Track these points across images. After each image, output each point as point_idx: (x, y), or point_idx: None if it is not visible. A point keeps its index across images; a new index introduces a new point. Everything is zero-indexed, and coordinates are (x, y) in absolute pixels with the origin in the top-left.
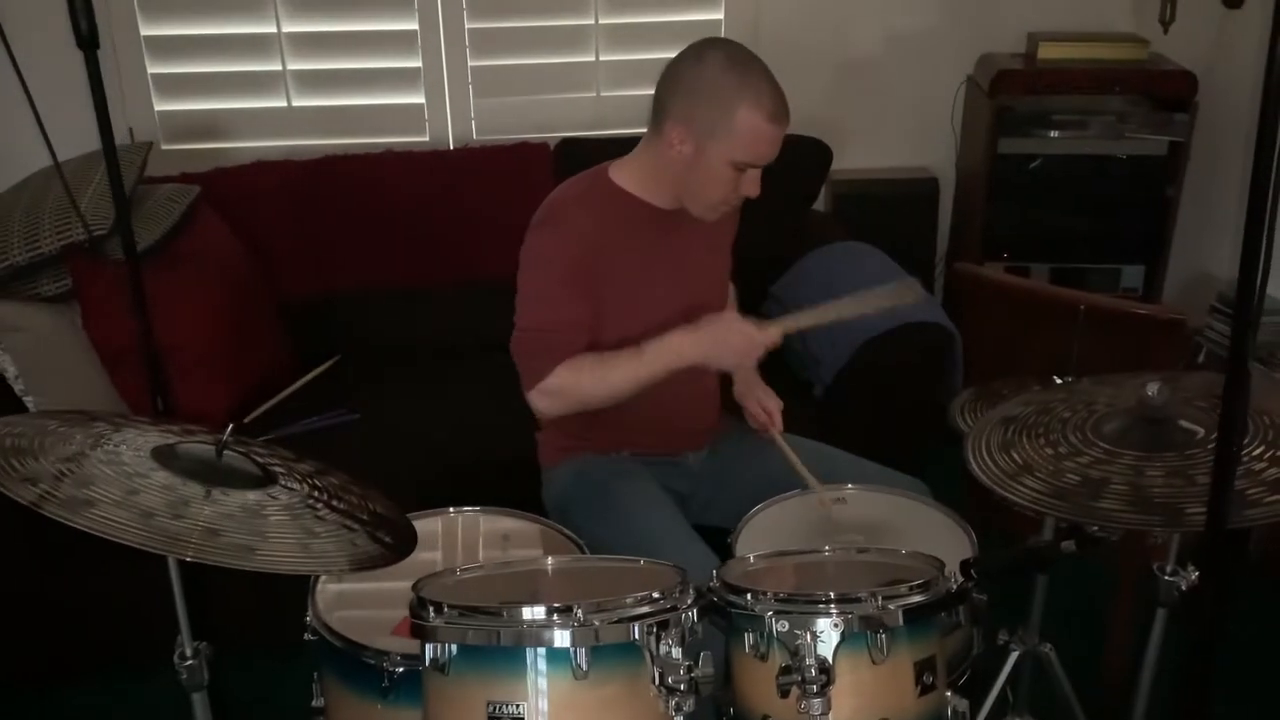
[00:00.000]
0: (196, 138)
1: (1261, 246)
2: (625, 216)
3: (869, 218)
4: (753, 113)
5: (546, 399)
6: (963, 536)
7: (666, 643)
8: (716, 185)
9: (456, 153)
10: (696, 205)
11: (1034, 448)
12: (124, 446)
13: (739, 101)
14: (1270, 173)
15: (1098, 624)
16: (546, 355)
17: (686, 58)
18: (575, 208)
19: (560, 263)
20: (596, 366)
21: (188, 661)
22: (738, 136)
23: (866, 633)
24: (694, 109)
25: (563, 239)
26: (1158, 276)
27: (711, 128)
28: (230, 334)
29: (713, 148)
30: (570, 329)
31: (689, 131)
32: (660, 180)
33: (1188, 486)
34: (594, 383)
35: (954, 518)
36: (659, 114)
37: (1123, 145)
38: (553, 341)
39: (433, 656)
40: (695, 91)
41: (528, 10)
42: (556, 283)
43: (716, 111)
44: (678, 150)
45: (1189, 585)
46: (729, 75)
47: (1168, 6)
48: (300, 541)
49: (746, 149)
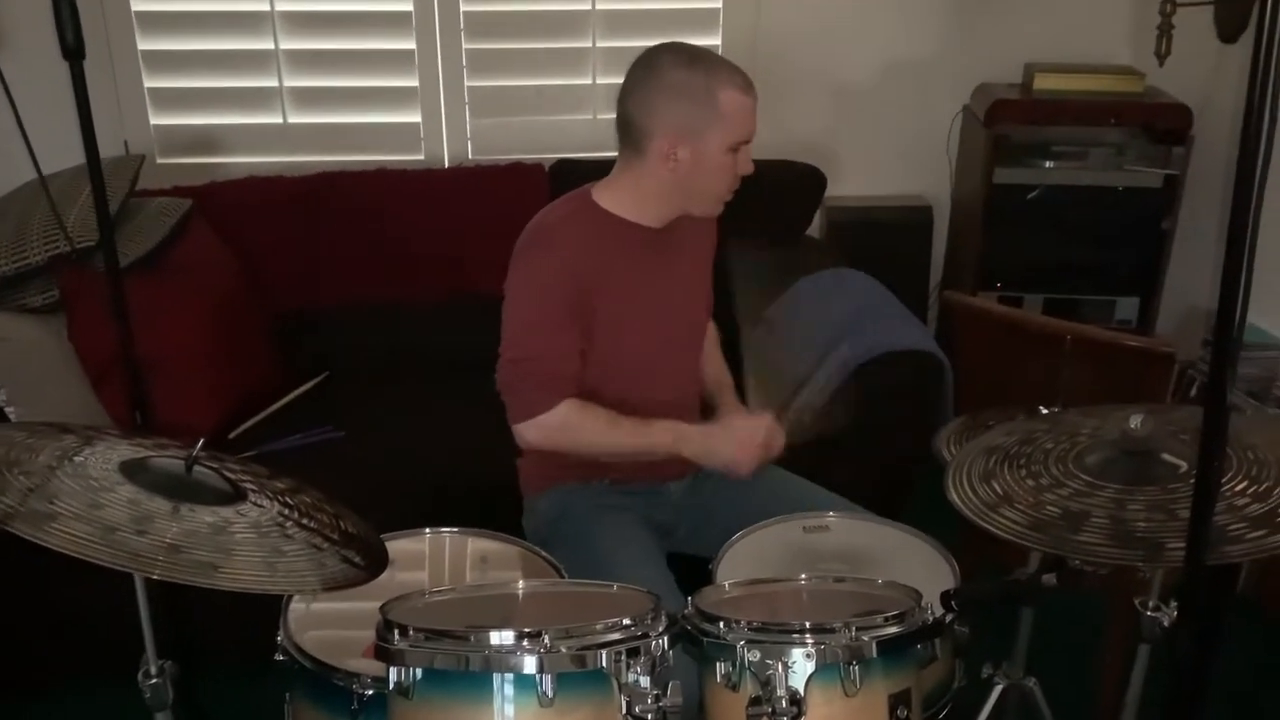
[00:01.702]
0: (192, 152)
1: (1240, 280)
2: (613, 238)
3: (863, 244)
4: (731, 91)
5: (543, 433)
6: (946, 567)
7: (635, 671)
8: (720, 175)
9: (450, 171)
10: (704, 203)
11: (1015, 479)
12: (92, 460)
13: (715, 87)
14: (1250, 207)
15: (1084, 659)
16: (543, 387)
17: (641, 74)
18: (563, 232)
19: (552, 290)
20: (605, 421)
21: (152, 680)
22: (727, 118)
23: (840, 664)
24: (677, 115)
25: (553, 265)
26: (1152, 309)
27: (702, 123)
28: (218, 348)
29: (708, 140)
30: (565, 359)
31: (681, 137)
32: (650, 199)
33: (1169, 521)
34: (597, 434)
35: (938, 548)
36: (638, 135)
37: (1118, 177)
38: (549, 372)
39: (397, 680)
40: (670, 99)
41: (526, 32)
42: (549, 311)
43: (700, 106)
44: (674, 160)
45: (1171, 622)
46: (693, 70)
47: (1163, 40)
48: (266, 560)
49: (737, 127)
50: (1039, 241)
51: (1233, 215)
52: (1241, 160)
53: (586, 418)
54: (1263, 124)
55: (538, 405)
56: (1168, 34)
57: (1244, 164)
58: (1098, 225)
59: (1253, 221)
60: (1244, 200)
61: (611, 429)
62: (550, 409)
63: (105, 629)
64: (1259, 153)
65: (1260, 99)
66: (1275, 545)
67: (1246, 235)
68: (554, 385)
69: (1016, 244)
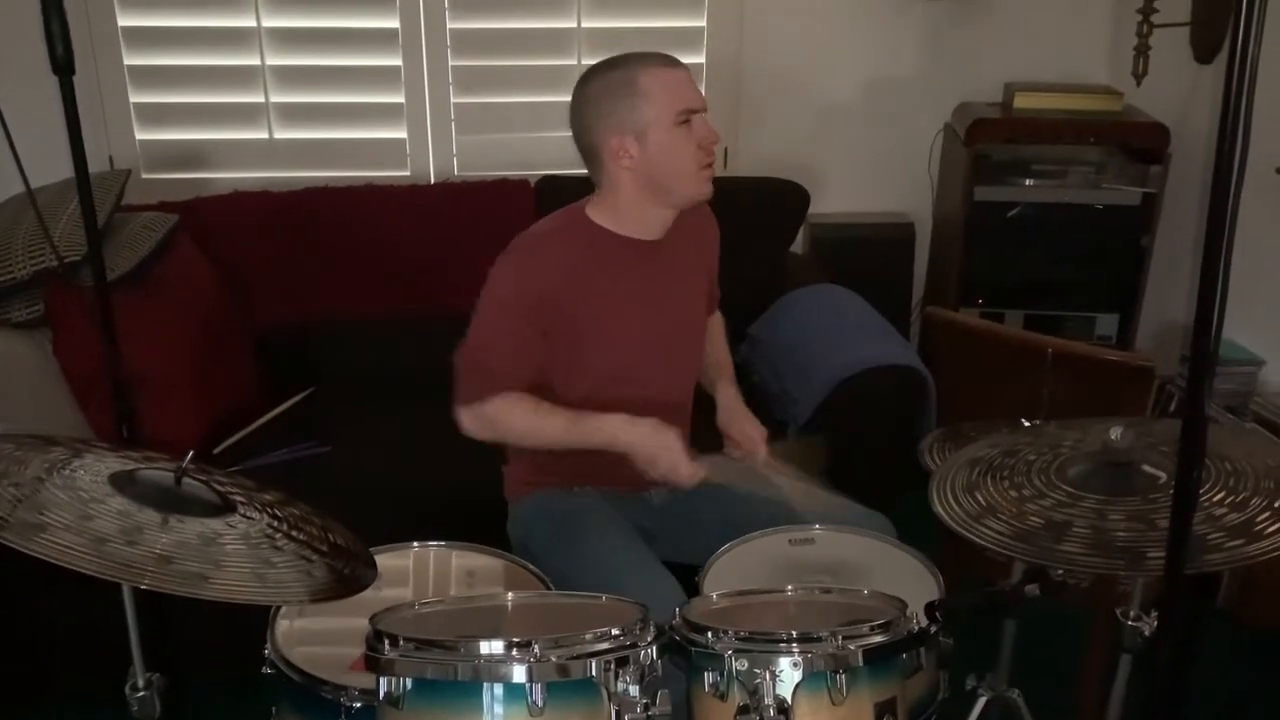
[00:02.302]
0: (177, 167)
1: (1216, 294)
2: (603, 251)
3: (846, 261)
4: (648, 70)
5: (475, 422)
6: (930, 579)
7: (624, 680)
8: (679, 152)
9: (437, 188)
10: (682, 186)
11: (998, 490)
12: (81, 471)
13: (633, 74)
14: (1225, 223)
15: (1068, 670)
16: (485, 379)
17: (575, 97)
18: (544, 244)
19: (523, 295)
20: (532, 413)
21: (139, 693)
22: (653, 95)
23: (826, 672)
24: (609, 115)
25: (532, 272)
26: (1131, 325)
27: (633, 111)
28: (203, 363)
29: (647, 123)
30: (513, 361)
31: (624, 132)
32: (632, 206)
33: (1149, 531)
34: (524, 426)
35: (922, 560)
36: (592, 152)
37: (1097, 195)
38: (494, 367)
39: (387, 690)
40: (598, 104)
41: (512, 49)
42: (513, 313)
43: (625, 97)
44: (629, 158)
45: (1152, 631)
46: (611, 71)
47: (1141, 60)
48: (256, 571)
49: (667, 100)
50: (1020, 258)
51: (1209, 233)
52: (1216, 178)
53: (513, 407)
54: (1236, 142)
55: (476, 394)
56: (1145, 54)
57: (1219, 183)
58: (1077, 242)
59: (1228, 238)
60: (1219, 218)
61: (539, 421)
62: (481, 399)
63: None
64: (1233, 170)
65: (1234, 119)
66: (1253, 554)
67: (1222, 252)
68: (495, 380)
69: (997, 261)
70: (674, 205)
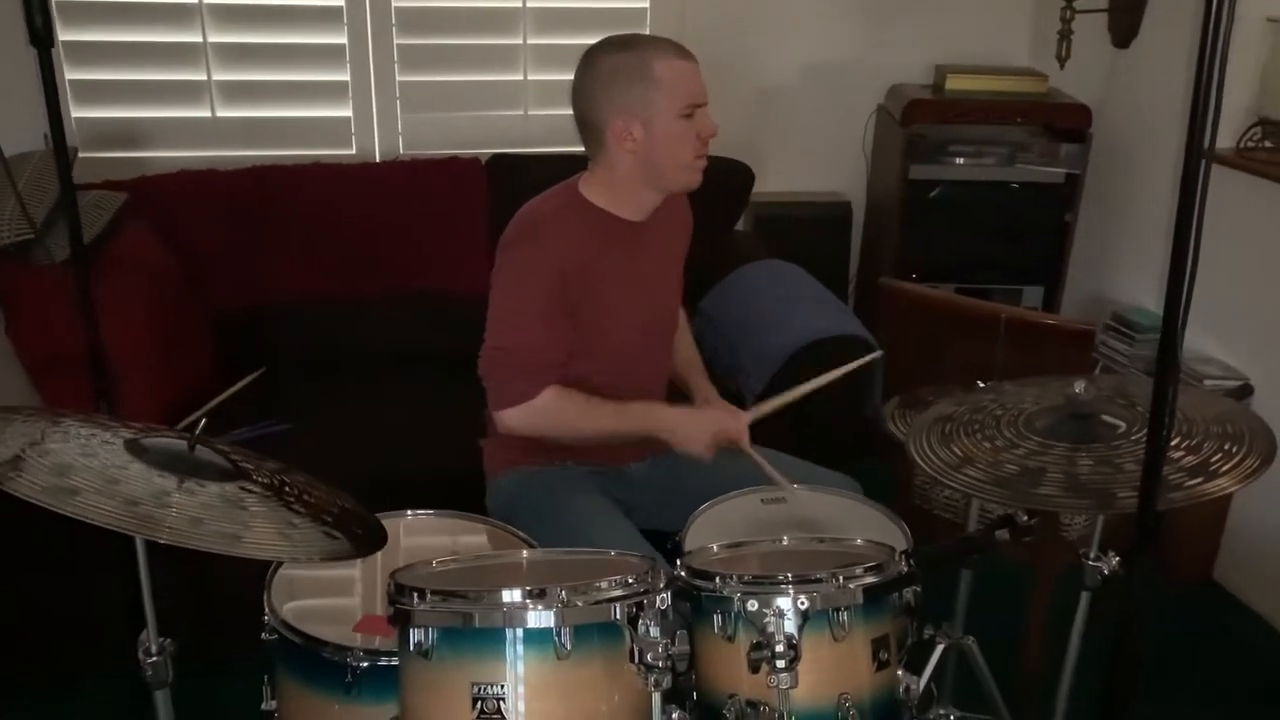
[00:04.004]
0: (115, 146)
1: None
2: (600, 231)
3: (787, 238)
4: (665, 59)
5: (525, 419)
6: (897, 531)
7: (645, 622)
8: (681, 142)
9: (387, 165)
10: (677, 175)
11: (972, 442)
12: (95, 440)
13: (650, 60)
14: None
15: (1016, 620)
16: (524, 375)
17: (582, 71)
18: (554, 224)
19: (537, 282)
20: (585, 404)
21: (152, 658)
22: (667, 85)
23: (828, 610)
24: (621, 96)
25: (544, 257)
26: (1056, 297)
27: (645, 97)
28: (157, 344)
29: (657, 111)
30: (547, 348)
31: (630, 116)
32: (626, 187)
33: (1116, 474)
34: (577, 417)
35: (888, 514)
36: (595, 130)
37: (1024, 173)
38: (531, 361)
39: (417, 641)
40: (609, 85)
41: (457, 28)
42: (533, 302)
43: (639, 82)
44: (631, 141)
45: (1110, 570)
46: (627, 51)
47: (1064, 44)
48: (281, 531)
49: (680, 91)
50: (951, 234)
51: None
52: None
53: (568, 403)
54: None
55: (520, 393)
56: (1068, 38)
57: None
58: (1006, 219)
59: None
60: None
61: (591, 413)
62: (532, 397)
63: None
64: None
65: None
66: (1211, 491)
67: (1193, 221)
68: (536, 374)
69: (930, 237)
70: (664, 190)
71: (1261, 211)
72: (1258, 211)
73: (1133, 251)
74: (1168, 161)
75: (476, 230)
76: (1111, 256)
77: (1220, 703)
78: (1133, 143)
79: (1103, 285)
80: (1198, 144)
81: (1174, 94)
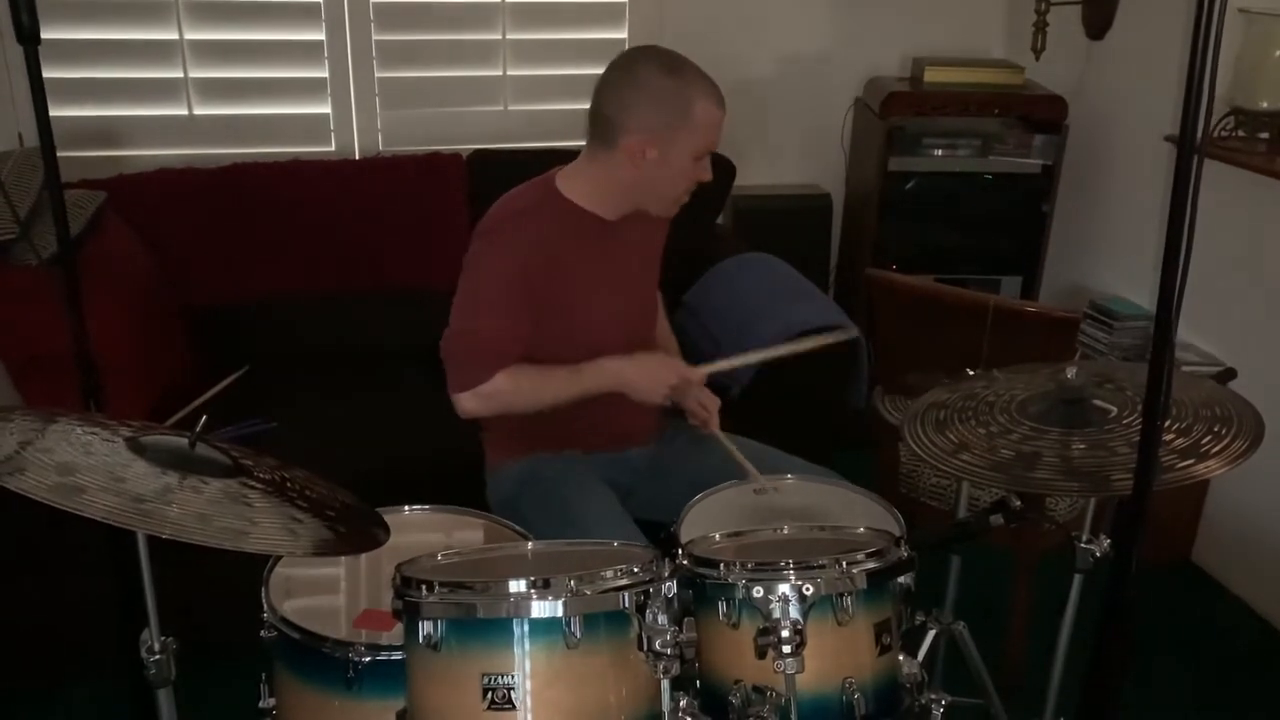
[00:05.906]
0: (92, 144)
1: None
2: (574, 228)
3: (767, 231)
4: (706, 103)
5: (478, 401)
6: (890, 518)
7: (652, 610)
8: (681, 179)
9: (368, 162)
10: (662, 204)
11: (967, 428)
12: (95, 439)
13: (693, 97)
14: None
15: (1000, 604)
16: (482, 361)
17: (621, 74)
18: (526, 219)
19: (506, 272)
20: (535, 378)
21: (155, 656)
22: (698, 129)
23: (832, 596)
24: (651, 117)
25: (511, 249)
26: (1033, 287)
27: (674, 129)
28: (137, 342)
29: (678, 146)
30: (508, 338)
31: (652, 138)
32: (610, 192)
33: (1110, 457)
34: (530, 391)
35: (880, 501)
36: (610, 130)
37: (1001, 164)
38: (490, 348)
39: (426, 634)
40: (645, 101)
41: (436, 23)
42: (499, 291)
43: (673, 114)
44: (642, 159)
45: (1103, 553)
46: (672, 79)
47: (1039, 36)
48: (287, 526)
49: (706, 138)
50: (930, 225)
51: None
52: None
53: (521, 381)
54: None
55: (472, 378)
56: (1043, 31)
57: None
58: (983, 210)
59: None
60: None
61: (545, 385)
62: (483, 382)
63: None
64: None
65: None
66: (1201, 473)
67: (1186, 212)
68: (491, 360)
69: (909, 228)
70: (641, 207)
71: (1234, 199)
72: (1231, 198)
73: (1109, 241)
74: (1143, 151)
75: (458, 226)
76: (1088, 246)
77: (1198, 682)
78: (1108, 133)
79: (1080, 274)
80: (1190, 138)
81: (1148, 85)
